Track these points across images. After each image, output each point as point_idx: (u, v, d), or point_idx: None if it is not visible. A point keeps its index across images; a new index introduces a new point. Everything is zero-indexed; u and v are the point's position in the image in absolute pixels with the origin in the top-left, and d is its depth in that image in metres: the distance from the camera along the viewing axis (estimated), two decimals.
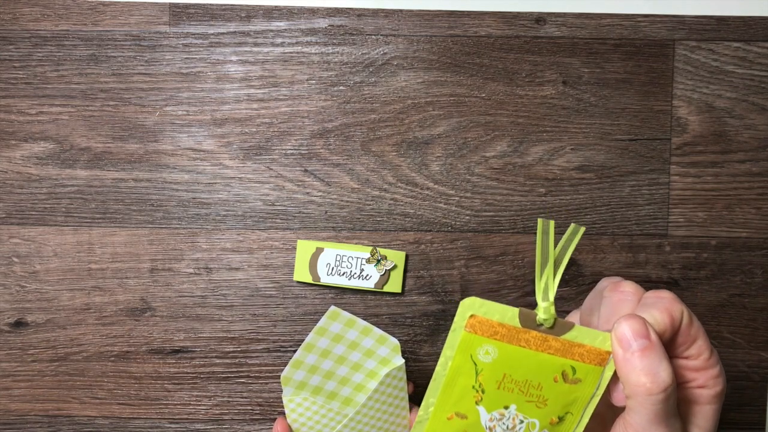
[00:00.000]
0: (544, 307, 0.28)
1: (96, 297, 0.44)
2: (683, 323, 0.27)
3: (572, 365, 0.28)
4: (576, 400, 0.29)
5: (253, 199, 0.44)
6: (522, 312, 0.28)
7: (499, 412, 0.29)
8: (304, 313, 0.44)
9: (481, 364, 0.29)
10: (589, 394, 0.29)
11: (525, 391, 0.29)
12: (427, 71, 0.43)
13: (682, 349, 0.28)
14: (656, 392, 0.26)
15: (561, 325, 0.28)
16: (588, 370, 0.29)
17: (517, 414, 0.29)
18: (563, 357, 0.28)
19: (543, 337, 0.28)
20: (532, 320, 0.28)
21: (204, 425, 0.45)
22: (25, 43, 0.43)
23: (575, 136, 0.44)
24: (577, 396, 0.29)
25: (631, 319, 0.27)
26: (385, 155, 0.44)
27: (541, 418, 0.29)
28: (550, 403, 0.29)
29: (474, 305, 0.28)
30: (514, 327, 0.28)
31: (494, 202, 0.44)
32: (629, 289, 0.29)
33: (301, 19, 0.43)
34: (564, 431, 0.30)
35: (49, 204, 0.44)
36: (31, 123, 0.44)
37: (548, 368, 0.29)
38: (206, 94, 0.44)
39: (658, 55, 0.44)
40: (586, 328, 0.28)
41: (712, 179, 0.44)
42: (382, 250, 0.43)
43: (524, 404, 0.29)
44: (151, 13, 0.43)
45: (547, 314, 0.28)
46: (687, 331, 0.28)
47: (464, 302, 0.28)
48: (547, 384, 0.29)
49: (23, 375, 0.45)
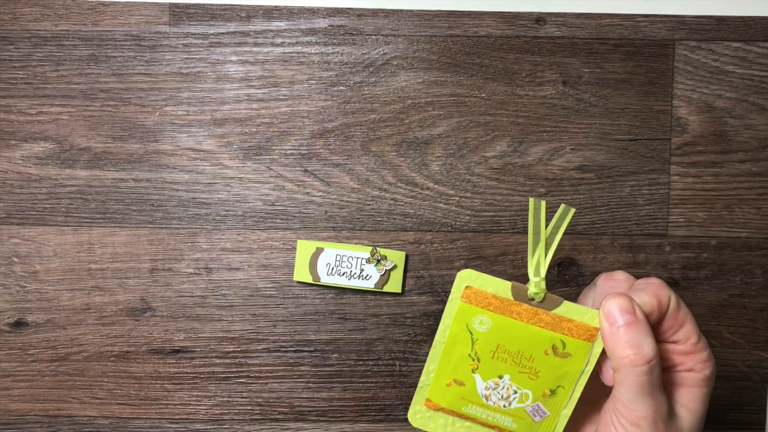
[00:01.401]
0: (536, 281, 0.30)
1: (96, 297, 0.44)
2: (670, 307, 0.29)
3: (562, 339, 0.30)
4: (567, 374, 0.31)
5: (253, 199, 0.44)
6: (514, 285, 0.30)
7: (494, 381, 0.31)
8: (304, 313, 0.44)
9: (477, 333, 0.31)
10: (579, 369, 0.30)
11: (518, 362, 0.31)
12: (427, 71, 0.43)
13: (670, 333, 0.29)
14: (640, 363, 0.27)
15: (551, 300, 0.30)
16: (577, 345, 0.30)
17: (511, 384, 0.31)
18: (553, 331, 0.30)
19: (534, 311, 0.30)
20: (523, 294, 0.30)
21: (204, 425, 0.45)
22: (25, 43, 0.43)
23: (575, 136, 0.44)
24: (568, 370, 0.30)
25: (618, 296, 0.28)
26: (385, 155, 0.44)
27: (534, 390, 0.31)
28: (541, 375, 0.31)
29: (470, 277, 0.30)
30: (506, 299, 0.30)
31: (494, 202, 0.44)
32: (621, 277, 0.31)
33: (301, 19, 0.43)
34: (557, 404, 0.31)
35: (49, 204, 0.44)
36: (31, 123, 0.44)
37: (539, 341, 0.30)
38: (206, 94, 0.44)
39: (658, 55, 0.44)
40: (575, 304, 0.30)
41: (712, 179, 0.44)
42: (382, 250, 0.43)
43: (517, 375, 0.31)
44: (151, 13, 0.43)
45: (538, 288, 0.30)
46: (675, 315, 0.29)
47: (461, 273, 0.30)
48: (539, 356, 0.30)
49: (23, 375, 0.45)
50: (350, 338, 0.44)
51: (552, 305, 0.30)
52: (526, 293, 0.30)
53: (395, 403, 0.45)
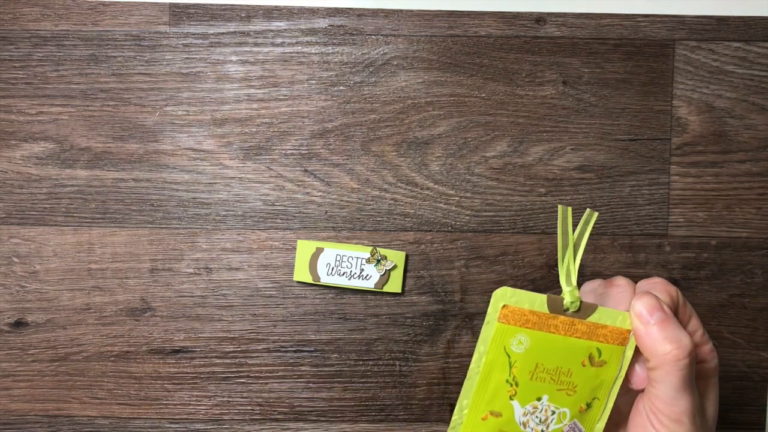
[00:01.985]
0: (569, 291, 0.29)
1: (96, 297, 0.44)
2: (680, 302, 0.30)
3: (598, 347, 0.30)
4: (602, 384, 0.30)
5: (253, 199, 0.44)
6: (550, 297, 0.29)
7: (532, 405, 0.30)
8: (304, 313, 0.44)
9: (515, 356, 0.30)
10: (613, 376, 0.30)
11: (556, 379, 0.30)
12: (427, 71, 0.43)
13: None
14: (682, 357, 0.28)
15: (586, 308, 0.30)
16: (611, 350, 0.30)
17: (549, 405, 0.30)
18: (589, 339, 0.30)
19: (570, 321, 0.29)
20: (559, 305, 0.29)
21: (204, 425, 0.45)
22: (25, 43, 0.43)
23: (575, 136, 0.44)
24: (603, 379, 0.30)
25: (644, 296, 0.29)
26: (385, 155, 0.44)
27: (571, 406, 0.30)
28: (579, 390, 0.30)
29: (506, 295, 0.29)
30: (543, 313, 0.29)
31: (494, 202, 0.44)
32: (623, 282, 0.31)
33: (301, 19, 0.43)
34: (591, 418, 0.31)
35: (49, 204, 0.44)
36: (31, 123, 0.44)
37: (577, 352, 0.30)
38: (206, 94, 0.44)
39: (658, 55, 0.43)
40: (607, 308, 0.30)
41: (712, 179, 0.44)
42: (382, 250, 0.43)
43: (555, 393, 0.30)
44: (151, 13, 0.43)
45: (573, 297, 0.29)
46: (683, 310, 0.30)
47: (496, 293, 0.29)
48: (576, 369, 0.30)
49: (23, 375, 0.45)
50: (350, 338, 0.44)
51: (587, 313, 0.29)
52: (562, 304, 0.29)
53: (395, 403, 0.45)
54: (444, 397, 0.45)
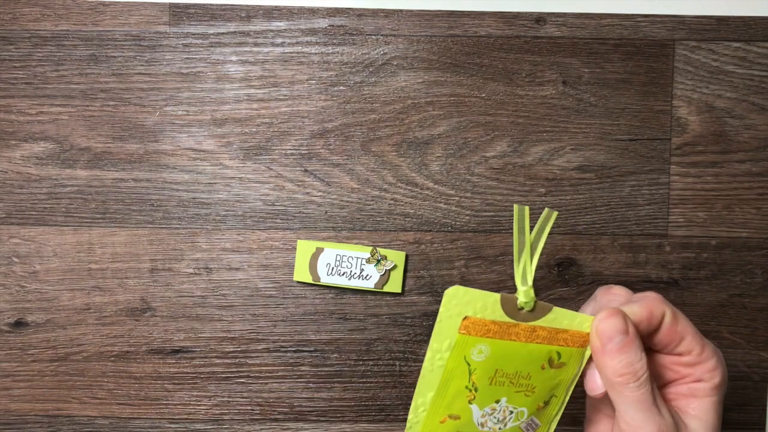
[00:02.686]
0: (524, 290, 0.29)
1: (96, 297, 0.44)
2: (666, 322, 0.29)
3: (558, 350, 0.29)
4: (560, 383, 0.30)
5: (253, 199, 0.44)
6: (503, 297, 0.29)
7: (491, 407, 0.30)
8: (304, 313, 0.44)
9: (475, 364, 0.29)
10: (572, 375, 0.30)
11: (515, 382, 0.30)
12: (427, 71, 0.43)
13: (672, 346, 0.29)
14: (632, 381, 0.27)
15: (541, 308, 0.29)
16: (571, 353, 0.30)
17: (507, 406, 0.30)
18: (549, 344, 0.29)
19: (531, 328, 0.29)
20: (513, 304, 0.29)
21: (204, 425, 0.45)
22: (25, 43, 0.43)
23: (575, 136, 0.44)
24: (562, 379, 0.30)
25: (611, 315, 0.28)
26: (385, 155, 0.44)
27: (529, 406, 0.30)
28: (537, 390, 0.30)
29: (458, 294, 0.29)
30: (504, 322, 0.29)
31: (494, 202, 0.44)
32: (619, 291, 0.31)
33: (301, 19, 0.43)
34: (549, 413, 0.31)
35: (49, 204, 0.44)
36: (31, 123, 0.44)
37: (537, 357, 0.29)
38: (206, 94, 0.44)
39: (658, 55, 0.43)
40: (564, 309, 0.29)
41: (712, 179, 0.44)
42: (382, 250, 0.43)
43: (514, 395, 0.30)
44: (151, 13, 0.43)
45: (527, 297, 0.29)
46: (672, 329, 0.29)
47: (448, 292, 0.28)
48: (536, 372, 0.30)
49: (23, 375, 0.45)
50: (350, 338, 0.44)
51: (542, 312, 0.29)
52: (516, 303, 0.29)
53: (395, 403, 0.45)
54: None
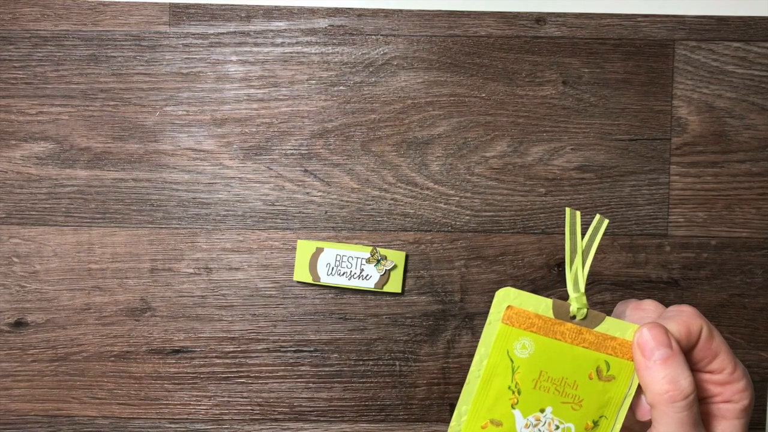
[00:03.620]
0: (576, 297, 0.28)
1: (96, 297, 0.44)
2: (702, 337, 0.28)
3: (606, 360, 0.28)
4: (610, 401, 0.29)
5: (253, 199, 0.44)
6: (555, 303, 0.28)
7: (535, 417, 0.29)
8: (304, 313, 0.44)
9: (518, 361, 0.28)
10: (623, 393, 0.29)
11: (561, 390, 0.28)
12: (427, 71, 0.43)
13: (704, 363, 0.28)
14: (679, 399, 0.26)
15: (593, 317, 0.28)
16: (621, 365, 0.28)
17: (553, 418, 0.29)
18: (597, 351, 0.28)
19: (578, 330, 0.28)
20: (565, 311, 0.28)
21: (204, 425, 0.45)
22: (25, 43, 0.43)
23: (575, 136, 0.44)
24: (611, 396, 0.29)
25: (652, 327, 0.27)
26: (385, 155, 0.44)
27: (577, 422, 0.29)
28: (585, 404, 0.29)
29: (509, 296, 0.28)
30: (549, 318, 0.28)
31: (494, 202, 0.44)
32: (650, 306, 0.30)
33: (301, 19, 0.43)
34: None
35: (49, 204, 0.44)
36: (31, 123, 0.44)
37: (583, 363, 0.28)
38: (206, 94, 0.44)
39: (658, 55, 0.44)
40: (617, 319, 0.28)
41: (712, 179, 0.44)
42: (382, 250, 0.43)
43: (560, 406, 0.29)
44: (151, 13, 0.43)
45: (580, 304, 0.28)
46: (707, 345, 0.28)
47: (499, 293, 0.28)
48: (583, 381, 0.28)
49: (23, 375, 0.45)
50: (350, 338, 0.44)
51: (594, 322, 0.28)
52: (568, 310, 0.28)
53: (395, 403, 0.45)
54: (444, 397, 0.45)
